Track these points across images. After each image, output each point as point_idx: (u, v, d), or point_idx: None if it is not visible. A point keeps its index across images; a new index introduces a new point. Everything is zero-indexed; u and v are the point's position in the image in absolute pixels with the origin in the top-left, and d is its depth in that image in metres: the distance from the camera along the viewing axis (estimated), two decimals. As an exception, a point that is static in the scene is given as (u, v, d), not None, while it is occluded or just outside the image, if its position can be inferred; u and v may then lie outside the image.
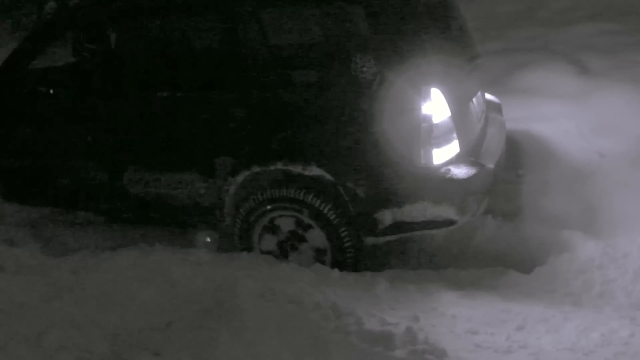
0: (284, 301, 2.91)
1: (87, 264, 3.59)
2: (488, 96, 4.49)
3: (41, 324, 2.90)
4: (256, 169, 3.52)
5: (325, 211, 3.43)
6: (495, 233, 3.88)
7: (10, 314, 3.08)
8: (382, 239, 3.52)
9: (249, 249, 3.69)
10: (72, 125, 3.93)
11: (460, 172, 3.29)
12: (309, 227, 3.53)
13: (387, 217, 3.38)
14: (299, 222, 3.56)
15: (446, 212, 3.31)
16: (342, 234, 3.46)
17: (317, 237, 3.53)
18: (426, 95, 3.18)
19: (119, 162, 3.85)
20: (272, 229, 3.63)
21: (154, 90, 3.70)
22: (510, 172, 4.26)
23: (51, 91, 3.85)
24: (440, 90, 3.21)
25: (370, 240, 3.51)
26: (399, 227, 3.41)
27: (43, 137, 4.02)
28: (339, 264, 3.52)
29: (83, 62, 4.11)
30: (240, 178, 3.56)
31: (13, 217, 4.38)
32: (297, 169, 3.42)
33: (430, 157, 3.25)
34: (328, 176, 3.38)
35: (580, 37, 6.85)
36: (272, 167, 3.49)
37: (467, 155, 3.41)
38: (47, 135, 4.01)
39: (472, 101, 3.75)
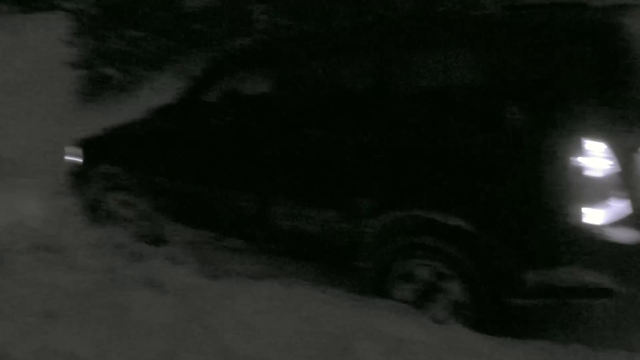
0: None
1: (231, 290, 3.80)
2: None
3: (173, 344, 3.11)
4: (395, 214, 3.45)
5: (464, 263, 3.23)
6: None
7: (150, 331, 3.35)
8: (525, 302, 3.18)
9: (384, 294, 3.59)
10: (231, 157, 4.20)
11: (626, 236, 2.90)
12: (447, 278, 3.34)
13: (532, 277, 3.09)
14: (436, 272, 3.39)
15: (603, 280, 2.94)
16: (482, 290, 3.22)
17: (455, 289, 3.33)
18: (590, 147, 2.88)
19: (268, 194, 4.01)
20: (409, 276, 3.49)
21: (304, 129, 3.83)
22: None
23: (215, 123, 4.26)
24: (606, 142, 2.87)
25: (512, 301, 3.20)
26: (545, 290, 3.08)
27: (206, 165, 4.32)
28: (478, 322, 3.26)
29: (243, 99, 4.37)
30: (379, 221, 3.50)
31: (180, 236, 4.71)
32: (438, 217, 3.28)
33: (591, 215, 2.91)
34: (471, 227, 3.18)
35: None
36: (412, 213, 3.39)
37: (637, 218, 2.95)
38: (210, 164, 4.31)
39: None
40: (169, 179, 4.54)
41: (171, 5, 9.20)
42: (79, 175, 5.09)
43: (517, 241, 3.12)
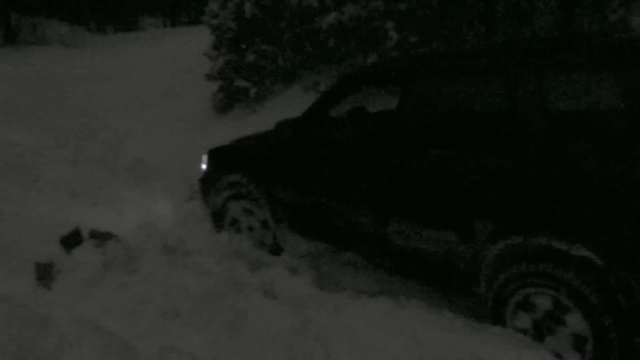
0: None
1: (345, 304, 3.85)
2: None
3: (287, 353, 3.20)
4: (517, 239, 3.30)
5: (587, 295, 3.05)
6: None
7: (265, 338, 3.48)
8: None
9: (501, 322, 3.48)
10: (351, 172, 4.22)
11: None
12: (568, 309, 3.17)
13: None
14: (557, 303, 3.22)
15: None
16: (607, 326, 3.01)
17: (577, 322, 3.14)
18: None
19: (386, 211, 3.99)
20: (528, 305, 3.35)
21: (427, 148, 3.79)
22: None
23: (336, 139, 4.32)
24: None
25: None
26: None
27: (328, 179, 4.37)
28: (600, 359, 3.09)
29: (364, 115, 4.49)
30: (499, 246, 3.38)
31: (300, 247, 4.81)
32: (561, 246, 3.11)
33: None
34: (597, 259, 3.00)
35: None
36: (533, 240, 3.24)
37: None
38: (331, 179, 4.35)
39: None
40: (292, 190, 4.65)
41: (304, 22, 9.51)
42: (207, 183, 5.36)
43: None
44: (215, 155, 5.35)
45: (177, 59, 14.32)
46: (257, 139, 5.27)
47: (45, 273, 4.34)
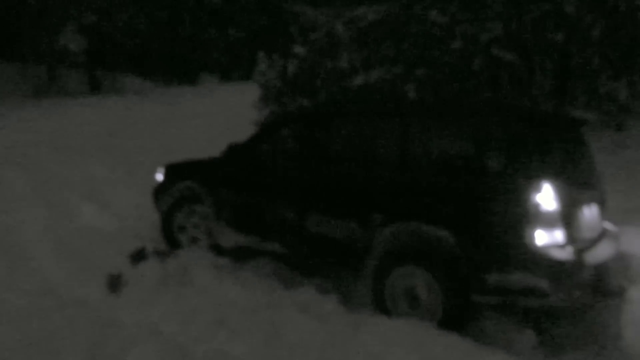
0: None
1: (365, 321, 3.80)
2: (608, 225, 4.41)
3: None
4: (399, 225, 3.95)
5: (444, 265, 3.72)
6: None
7: (299, 348, 3.43)
8: (486, 299, 3.66)
9: (376, 290, 4.01)
10: (282, 182, 4.74)
11: (557, 253, 3.50)
12: (427, 276, 3.79)
13: (492, 279, 3.59)
14: (420, 272, 3.83)
15: (542, 284, 3.47)
16: (455, 288, 3.67)
17: (430, 287, 3.78)
18: (539, 188, 3.51)
19: (306, 208, 4.49)
20: (403, 275, 3.92)
21: (338, 165, 4.46)
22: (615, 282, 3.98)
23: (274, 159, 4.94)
24: (552, 188, 3.52)
25: (476, 297, 3.66)
26: (500, 290, 3.59)
27: (260, 187, 4.86)
28: (448, 316, 3.68)
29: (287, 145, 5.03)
30: (388, 230, 3.99)
31: (232, 239, 5.03)
32: (426, 228, 3.81)
33: (533, 236, 3.50)
34: (452, 238, 3.70)
35: None
36: (410, 224, 3.91)
37: (569, 246, 3.58)
38: (263, 187, 4.84)
39: (585, 212, 3.91)
40: (232, 195, 5.02)
41: (337, 81, 9.66)
42: (160, 190, 5.58)
43: (484, 252, 3.63)
44: (172, 168, 5.64)
45: (230, 109, 14.59)
46: (205, 159, 5.60)
47: (115, 283, 4.37)
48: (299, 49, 10.07)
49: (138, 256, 4.67)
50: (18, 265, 4.78)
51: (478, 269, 3.61)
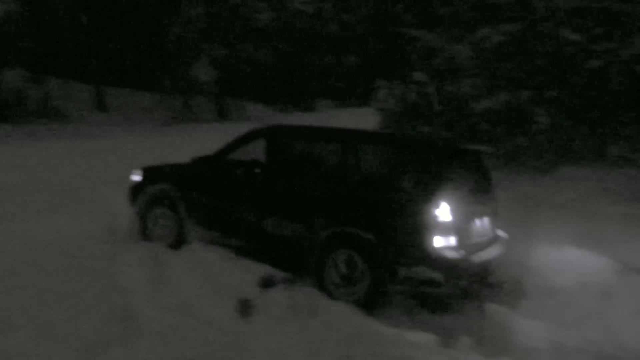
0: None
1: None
2: (501, 232, 5.48)
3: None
4: (337, 228, 4.87)
5: (367, 259, 4.68)
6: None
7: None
8: (398, 287, 4.60)
9: (319, 275, 4.86)
10: (246, 192, 5.51)
11: (449, 253, 4.52)
12: (357, 265, 4.76)
13: (401, 272, 4.57)
14: (350, 262, 4.81)
15: (437, 276, 4.47)
16: (372, 274, 4.64)
17: (361, 270, 4.75)
18: (438, 204, 4.50)
19: (265, 213, 5.29)
20: (337, 264, 4.87)
21: (292, 180, 5.32)
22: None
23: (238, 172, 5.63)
24: (448, 204, 4.52)
25: (389, 287, 4.61)
26: (407, 280, 4.57)
27: (229, 193, 5.60)
28: (370, 298, 4.64)
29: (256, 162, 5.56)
30: (327, 232, 4.87)
31: (200, 235, 5.58)
32: (356, 231, 4.76)
33: (436, 242, 4.50)
34: (374, 239, 4.63)
35: None
36: (345, 228, 4.84)
37: (459, 248, 4.57)
38: (232, 193, 5.58)
39: (477, 223, 4.93)
40: (201, 197, 5.71)
41: (461, 106, 9.30)
42: (137, 190, 6.07)
43: (394, 250, 4.61)
44: (149, 171, 6.22)
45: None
46: (178, 165, 6.21)
47: (245, 308, 4.41)
48: (419, 75, 9.87)
49: (267, 283, 4.70)
50: (162, 281, 5.00)
51: (392, 263, 4.59)
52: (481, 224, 5.01)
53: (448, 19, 10.80)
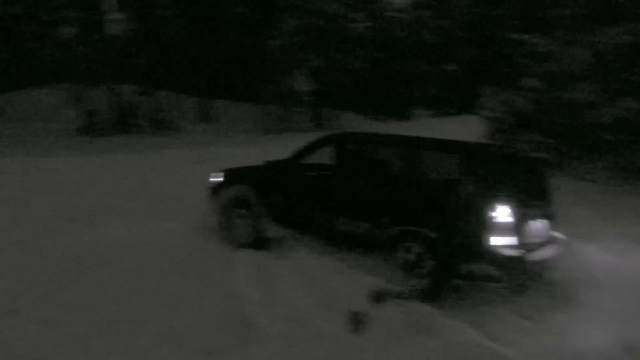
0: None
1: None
2: (557, 234, 5.60)
3: None
4: (402, 227, 5.18)
5: (431, 255, 4.95)
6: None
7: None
8: (461, 282, 4.88)
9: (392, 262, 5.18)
10: (319, 193, 5.91)
11: (508, 252, 4.81)
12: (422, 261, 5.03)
13: (464, 267, 4.84)
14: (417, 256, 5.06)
15: (496, 272, 4.76)
16: (438, 271, 4.92)
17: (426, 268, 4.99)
18: (498, 207, 4.81)
19: (336, 213, 5.70)
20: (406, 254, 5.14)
21: (360, 183, 5.66)
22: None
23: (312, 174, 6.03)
24: (509, 207, 4.83)
25: (454, 281, 4.90)
26: (468, 275, 4.85)
27: (304, 194, 6.01)
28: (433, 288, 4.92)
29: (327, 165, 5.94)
30: (394, 230, 5.22)
31: (278, 233, 6.04)
32: (421, 230, 5.06)
33: (493, 239, 4.79)
34: (437, 237, 4.94)
35: None
36: (410, 227, 5.15)
37: (517, 247, 4.85)
38: (307, 194, 5.98)
39: (536, 225, 5.19)
40: (279, 198, 6.13)
41: (577, 114, 8.67)
42: (217, 189, 6.56)
43: (458, 249, 4.87)
44: (230, 173, 6.68)
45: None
46: (253, 167, 6.69)
47: (357, 322, 4.33)
48: (530, 82, 9.34)
49: (378, 296, 4.59)
50: (272, 289, 5.06)
51: (455, 261, 4.86)
52: (537, 225, 5.25)
53: (560, 20, 10.15)
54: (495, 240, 4.73)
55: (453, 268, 4.82)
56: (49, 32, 25.15)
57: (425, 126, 21.32)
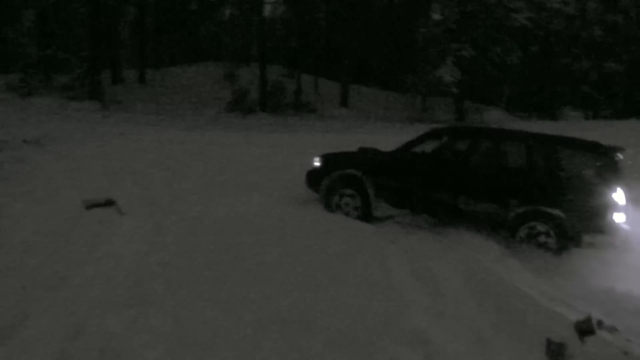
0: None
1: None
2: None
3: None
4: (529, 206, 6.00)
5: (555, 228, 5.88)
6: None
7: None
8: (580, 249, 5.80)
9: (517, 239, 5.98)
10: (436, 176, 6.48)
11: (623, 226, 5.71)
12: (546, 234, 5.91)
13: (586, 239, 5.79)
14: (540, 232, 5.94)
15: (613, 242, 5.69)
16: (560, 241, 5.87)
17: (548, 240, 5.91)
18: (615, 190, 5.76)
19: (458, 194, 6.30)
20: (531, 231, 5.98)
21: (481, 169, 6.45)
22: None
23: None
24: (622, 190, 5.77)
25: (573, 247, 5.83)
26: (590, 245, 5.79)
27: (420, 180, 6.48)
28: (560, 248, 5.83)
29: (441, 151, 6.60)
30: (520, 209, 6.01)
31: (388, 212, 6.57)
32: (547, 209, 5.92)
33: (613, 216, 5.71)
34: (562, 214, 5.84)
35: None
36: (537, 206, 5.97)
37: (627, 223, 5.75)
38: (422, 181, 6.47)
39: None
40: (391, 181, 6.60)
41: None
42: (319, 175, 6.92)
43: (581, 223, 5.81)
44: (330, 158, 7.07)
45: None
46: (350, 153, 7.20)
47: (557, 353, 3.64)
48: None
49: (584, 327, 3.83)
50: (392, 307, 4.44)
51: (578, 233, 5.79)
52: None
53: None
54: (616, 217, 5.70)
55: (577, 240, 5.77)
56: (211, 12, 26.54)
57: (571, 127, 19.22)
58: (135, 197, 6.90)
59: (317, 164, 7.10)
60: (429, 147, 6.77)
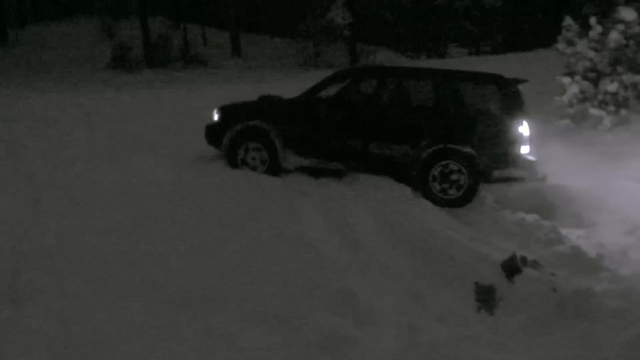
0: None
1: None
2: None
3: None
4: (438, 146, 5.68)
5: (465, 166, 5.63)
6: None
7: None
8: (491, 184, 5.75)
9: (425, 184, 5.68)
10: (345, 121, 6.05)
11: (530, 157, 5.74)
12: (459, 172, 5.65)
13: (496, 174, 5.72)
14: (453, 169, 5.68)
15: (521, 174, 5.72)
16: (471, 178, 5.62)
17: (460, 175, 5.66)
18: (521, 122, 5.70)
19: (369, 138, 5.92)
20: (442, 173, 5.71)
21: (391, 110, 6.07)
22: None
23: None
24: (527, 123, 5.72)
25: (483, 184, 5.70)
26: (499, 179, 5.75)
27: (327, 126, 6.07)
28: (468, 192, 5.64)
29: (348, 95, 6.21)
30: (430, 150, 5.68)
31: (297, 162, 6.05)
32: (458, 147, 5.65)
33: (519, 148, 5.69)
34: (472, 152, 5.62)
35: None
36: (447, 145, 5.68)
37: (531, 154, 5.77)
38: (330, 126, 6.06)
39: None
40: (298, 129, 6.09)
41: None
42: (219, 128, 6.29)
43: (490, 157, 5.69)
44: (228, 110, 6.46)
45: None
46: (253, 102, 6.60)
47: (486, 296, 3.48)
48: (627, 13, 8.00)
49: (510, 266, 3.70)
50: (312, 268, 4.12)
51: (488, 168, 5.65)
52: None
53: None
54: (522, 149, 5.67)
55: (487, 175, 5.66)
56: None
57: (461, 63, 19.79)
58: (8, 170, 5.90)
59: (216, 117, 6.43)
60: (334, 90, 6.27)
